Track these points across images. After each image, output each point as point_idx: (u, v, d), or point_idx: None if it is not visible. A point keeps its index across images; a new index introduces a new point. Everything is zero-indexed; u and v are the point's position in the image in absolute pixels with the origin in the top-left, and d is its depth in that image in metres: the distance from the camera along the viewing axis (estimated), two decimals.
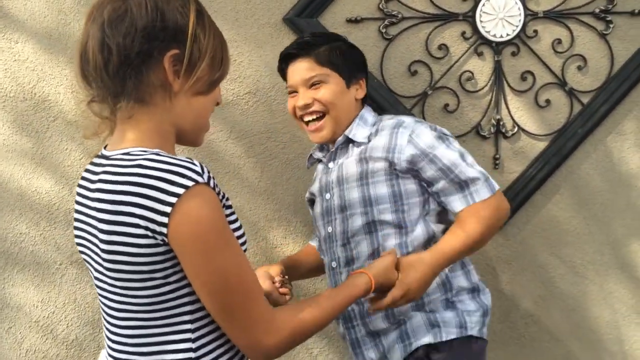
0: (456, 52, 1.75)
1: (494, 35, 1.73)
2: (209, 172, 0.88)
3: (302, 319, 0.97)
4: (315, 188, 1.50)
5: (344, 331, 1.45)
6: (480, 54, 1.75)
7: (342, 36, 1.49)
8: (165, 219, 0.83)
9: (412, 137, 1.33)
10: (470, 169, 1.32)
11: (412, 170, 1.34)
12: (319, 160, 1.52)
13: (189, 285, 0.90)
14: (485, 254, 1.83)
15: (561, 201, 1.82)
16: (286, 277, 1.41)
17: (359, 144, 1.40)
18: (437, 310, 1.36)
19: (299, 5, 1.68)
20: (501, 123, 1.77)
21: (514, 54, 1.75)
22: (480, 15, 1.72)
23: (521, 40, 1.74)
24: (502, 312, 1.85)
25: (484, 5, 1.72)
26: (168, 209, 0.83)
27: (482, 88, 1.77)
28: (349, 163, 1.39)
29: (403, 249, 1.35)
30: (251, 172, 1.77)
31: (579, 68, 1.77)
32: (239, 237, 0.95)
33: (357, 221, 1.37)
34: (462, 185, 1.32)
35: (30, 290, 1.74)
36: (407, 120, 1.38)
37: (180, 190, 0.83)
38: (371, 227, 1.36)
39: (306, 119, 1.42)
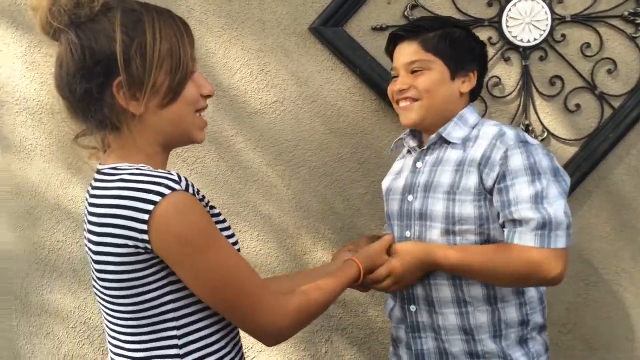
0: None
1: (521, 40, 1.72)
2: (187, 181, 0.91)
3: (306, 301, 1.02)
4: (396, 184, 1.41)
5: (403, 340, 1.38)
6: (507, 60, 1.74)
7: (464, 24, 1.41)
8: (144, 227, 0.87)
9: (506, 154, 1.22)
10: (531, 211, 1.17)
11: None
12: (409, 152, 1.43)
13: (171, 293, 0.93)
14: None
15: (593, 207, 1.79)
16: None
17: (454, 147, 1.31)
18: (512, 349, 1.28)
19: (325, 15, 1.71)
20: (530, 128, 1.76)
21: (542, 59, 1.74)
22: (507, 21, 1.71)
23: (549, 44, 1.73)
24: None
25: (510, 10, 1.71)
26: (146, 217, 0.86)
27: (510, 93, 1.76)
28: (443, 171, 1.30)
29: None
30: (279, 180, 1.79)
31: (609, 72, 1.74)
32: (228, 238, 0.98)
33: (435, 235, 1.28)
34: (515, 223, 1.20)
35: (68, 296, 1.80)
36: (509, 134, 1.25)
37: (157, 198, 0.86)
38: (450, 243, 1.28)
39: (401, 104, 1.34)
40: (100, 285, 0.97)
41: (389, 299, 1.43)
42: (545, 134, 1.76)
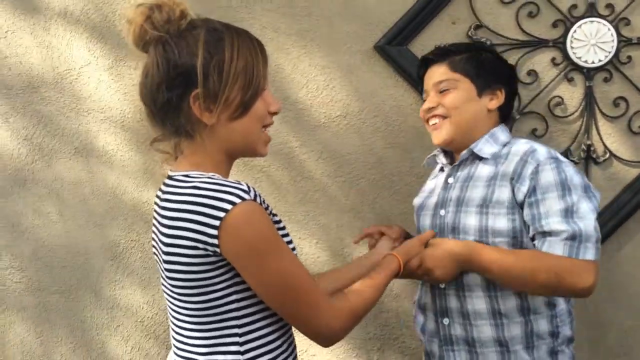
0: (545, 77, 1.76)
1: (585, 61, 1.73)
2: (255, 191, 0.98)
3: (356, 301, 1.08)
4: (428, 201, 1.45)
5: (436, 354, 1.39)
6: (570, 80, 1.75)
7: (488, 46, 1.48)
8: (215, 232, 0.94)
9: (537, 169, 1.26)
10: (561, 224, 1.21)
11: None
12: (441, 169, 1.48)
13: (235, 293, 1.00)
14: None
15: None
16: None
17: (485, 162, 1.34)
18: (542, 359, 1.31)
19: (390, 34, 1.77)
20: (592, 149, 1.76)
21: (606, 80, 1.74)
22: (571, 42, 1.73)
23: (614, 66, 1.73)
24: (590, 341, 1.81)
25: (575, 31, 1.72)
26: (217, 223, 0.94)
27: (572, 113, 1.77)
28: (475, 186, 1.33)
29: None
30: (339, 191, 1.86)
31: None
32: (287, 243, 1.04)
33: None
34: (545, 235, 1.24)
35: (138, 292, 1.92)
36: (541, 150, 1.29)
37: (229, 207, 0.94)
38: None
39: (431, 122, 1.40)
40: (168, 283, 1.04)
41: (419, 315, 1.45)
42: (607, 155, 1.76)
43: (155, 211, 1.09)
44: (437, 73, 1.40)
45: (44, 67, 1.86)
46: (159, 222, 1.04)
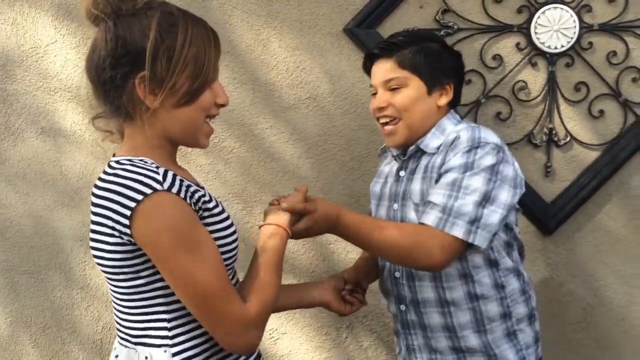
0: (510, 62, 1.80)
1: (549, 47, 1.78)
2: (173, 180, 0.95)
3: (264, 300, 1.01)
4: (384, 189, 1.45)
5: (400, 333, 1.44)
6: (534, 65, 1.80)
7: (438, 37, 1.44)
8: (126, 221, 0.93)
9: (449, 155, 1.26)
10: (440, 197, 1.21)
11: None
12: (394, 157, 1.46)
13: (161, 279, 0.98)
14: (536, 260, 1.87)
15: (612, 210, 1.84)
16: (358, 284, 1.42)
17: (428, 155, 1.34)
18: (498, 342, 1.32)
19: (359, 17, 1.79)
20: (554, 132, 1.81)
21: (568, 65, 1.79)
22: (535, 27, 1.77)
23: (576, 51, 1.78)
24: (550, 316, 1.88)
25: (539, 17, 1.76)
26: (128, 213, 0.92)
27: (535, 98, 1.81)
28: (415, 179, 1.34)
29: (464, 275, 1.31)
30: (309, 172, 1.88)
31: (634, 80, 1.78)
32: (225, 237, 1.02)
33: None
34: (426, 204, 1.24)
35: None
36: (463, 137, 1.27)
37: (139, 197, 0.92)
38: None
39: (381, 121, 1.37)
40: (98, 265, 1.03)
41: (383, 298, 1.48)
42: (568, 138, 1.81)
43: None
44: (385, 69, 1.35)
45: (9, 44, 1.83)
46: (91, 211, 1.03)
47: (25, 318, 1.95)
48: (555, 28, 1.76)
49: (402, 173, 1.39)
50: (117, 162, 1.00)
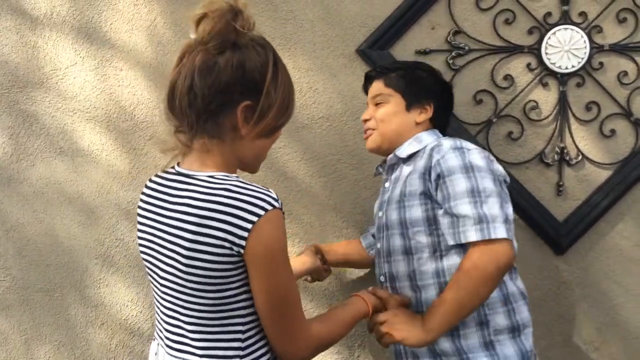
0: (521, 82, 1.82)
1: (559, 67, 1.79)
2: (279, 200, 1.03)
3: (327, 332, 1.14)
4: (376, 205, 1.60)
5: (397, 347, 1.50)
6: (545, 85, 1.82)
7: (425, 65, 1.59)
8: (245, 234, 0.99)
9: (439, 160, 1.34)
10: (467, 208, 1.26)
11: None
12: (381, 173, 1.64)
13: (246, 292, 1.05)
14: (549, 278, 1.87)
15: (625, 230, 1.84)
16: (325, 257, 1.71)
17: (407, 163, 1.47)
18: (472, 349, 1.34)
19: (372, 38, 1.81)
20: (565, 151, 1.83)
21: (579, 85, 1.81)
22: (546, 48, 1.79)
23: (586, 71, 1.80)
24: (563, 336, 1.87)
25: (549, 38, 1.79)
26: (249, 226, 0.99)
27: (547, 117, 1.83)
28: (397, 185, 1.47)
29: (440, 275, 1.36)
30: (322, 191, 1.90)
31: None
32: None
33: (396, 241, 1.43)
34: (455, 220, 1.29)
35: (122, 290, 1.94)
36: (445, 143, 1.38)
37: (261, 212, 0.99)
38: (407, 248, 1.41)
39: (365, 130, 1.58)
40: (183, 278, 1.04)
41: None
42: (580, 157, 1.82)
43: (155, 206, 1.10)
44: (375, 88, 1.56)
45: (30, 67, 1.87)
46: (170, 219, 1.06)
47: (39, 336, 1.96)
48: (565, 49, 1.78)
49: (387, 184, 1.55)
50: (211, 177, 1.05)
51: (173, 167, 1.15)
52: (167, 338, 1.12)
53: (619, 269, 1.85)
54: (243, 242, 0.99)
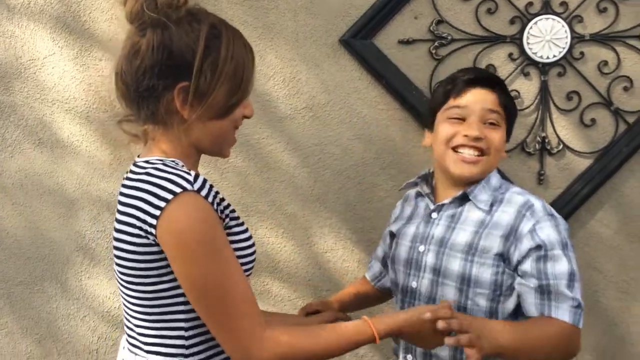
0: (503, 72, 1.83)
1: (541, 57, 1.81)
2: (203, 184, 0.94)
3: (294, 345, 0.96)
4: (407, 229, 1.37)
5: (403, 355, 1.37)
6: (526, 74, 1.83)
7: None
8: (154, 221, 0.92)
9: (535, 226, 1.20)
10: (568, 289, 1.17)
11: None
12: (419, 195, 1.40)
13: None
14: None
15: (605, 218, 1.87)
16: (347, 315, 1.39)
17: (476, 208, 1.27)
18: None
19: (355, 28, 1.81)
20: (546, 140, 1.84)
21: (560, 75, 1.82)
22: (528, 38, 1.80)
23: (567, 61, 1.81)
24: None
25: (531, 28, 1.79)
26: (157, 212, 0.91)
27: (528, 106, 1.84)
28: (461, 228, 1.26)
29: None
30: (305, 181, 1.90)
31: (625, 89, 1.81)
32: (245, 248, 1.02)
33: (449, 293, 1.25)
34: (550, 295, 1.18)
35: (104, 283, 1.93)
36: (537, 205, 1.23)
37: (169, 196, 0.91)
38: (460, 307, 1.24)
39: (467, 151, 1.26)
40: (117, 270, 1.02)
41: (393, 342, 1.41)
42: (561, 146, 1.84)
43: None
44: (489, 99, 1.27)
45: (7, 57, 1.84)
46: (117, 209, 1.03)
47: (21, 329, 1.94)
48: (547, 38, 1.79)
49: (434, 215, 1.32)
50: (147, 162, 0.99)
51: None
52: (125, 325, 1.09)
53: (599, 256, 1.88)
54: (153, 230, 0.92)
